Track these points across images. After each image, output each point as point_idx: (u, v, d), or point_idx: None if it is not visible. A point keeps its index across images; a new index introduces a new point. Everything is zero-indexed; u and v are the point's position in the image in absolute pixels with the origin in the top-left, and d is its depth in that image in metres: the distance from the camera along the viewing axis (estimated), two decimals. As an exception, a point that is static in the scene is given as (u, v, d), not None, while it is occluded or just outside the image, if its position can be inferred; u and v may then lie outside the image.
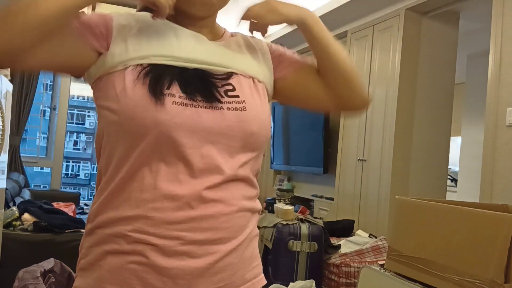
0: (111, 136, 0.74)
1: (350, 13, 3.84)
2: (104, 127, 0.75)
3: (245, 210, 0.78)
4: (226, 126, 0.74)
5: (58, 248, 2.65)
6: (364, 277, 1.81)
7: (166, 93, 0.72)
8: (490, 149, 2.62)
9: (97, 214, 0.75)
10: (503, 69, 2.60)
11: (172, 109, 0.71)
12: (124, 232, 0.71)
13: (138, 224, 0.71)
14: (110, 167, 0.74)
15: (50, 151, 5.45)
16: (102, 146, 0.77)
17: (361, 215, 3.64)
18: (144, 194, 0.71)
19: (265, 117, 0.80)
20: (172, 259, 0.70)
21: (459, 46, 3.65)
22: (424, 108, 3.48)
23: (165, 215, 0.70)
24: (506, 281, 1.31)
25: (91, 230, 0.75)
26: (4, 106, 2.63)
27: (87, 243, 0.76)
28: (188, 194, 0.71)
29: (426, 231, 1.60)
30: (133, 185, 0.72)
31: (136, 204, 0.71)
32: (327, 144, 4.19)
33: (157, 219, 0.70)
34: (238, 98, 0.77)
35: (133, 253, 0.71)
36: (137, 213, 0.71)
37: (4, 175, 2.92)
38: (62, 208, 3.39)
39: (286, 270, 2.75)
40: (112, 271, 0.71)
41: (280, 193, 4.42)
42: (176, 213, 0.71)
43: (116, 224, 0.72)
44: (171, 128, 0.70)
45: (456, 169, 5.57)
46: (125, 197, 0.72)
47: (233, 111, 0.75)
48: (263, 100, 0.82)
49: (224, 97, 0.76)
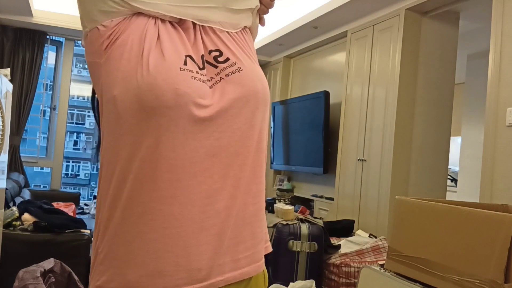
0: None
1: (350, 13, 3.84)
2: None
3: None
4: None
5: (58, 248, 2.65)
6: (364, 277, 1.81)
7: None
8: (490, 149, 2.62)
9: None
10: (503, 69, 2.60)
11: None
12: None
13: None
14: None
15: (50, 151, 5.45)
16: None
17: (361, 215, 3.64)
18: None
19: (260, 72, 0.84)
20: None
21: (459, 46, 3.65)
22: (424, 108, 3.48)
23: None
24: (506, 281, 1.31)
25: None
26: (4, 106, 2.63)
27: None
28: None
29: (426, 231, 1.60)
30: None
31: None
32: (327, 144, 4.19)
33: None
34: (230, 60, 0.79)
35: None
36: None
37: (4, 175, 2.92)
38: (62, 208, 3.39)
39: (286, 270, 2.75)
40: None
41: (280, 193, 4.42)
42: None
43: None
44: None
45: (456, 169, 5.57)
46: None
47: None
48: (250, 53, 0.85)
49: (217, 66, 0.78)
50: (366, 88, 3.76)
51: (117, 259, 0.72)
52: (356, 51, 3.94)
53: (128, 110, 0.71)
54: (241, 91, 0.77)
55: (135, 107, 0.71)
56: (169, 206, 0.71)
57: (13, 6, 4.43)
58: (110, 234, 0.73)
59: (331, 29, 4.34)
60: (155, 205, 0.71)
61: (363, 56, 3.83)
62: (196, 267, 0.72)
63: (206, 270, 0.72)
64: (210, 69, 0.78)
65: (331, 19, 4.06)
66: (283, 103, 5.04)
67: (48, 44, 5.23)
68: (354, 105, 3.90)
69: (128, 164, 0.72)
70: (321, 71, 4.79)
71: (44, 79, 5.37)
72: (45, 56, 5.25)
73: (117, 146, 0.74)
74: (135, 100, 0.70)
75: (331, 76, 4.58)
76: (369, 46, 3.77)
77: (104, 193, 0.76)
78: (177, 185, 0.71)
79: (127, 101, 0.71)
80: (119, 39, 0.74)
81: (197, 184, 0.72)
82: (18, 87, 4.92)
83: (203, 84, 0.74)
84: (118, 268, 0.72)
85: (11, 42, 4.98)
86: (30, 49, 5.01)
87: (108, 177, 0.75)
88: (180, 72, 0.72)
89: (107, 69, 0.74)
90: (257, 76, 0.81)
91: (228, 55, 0.80)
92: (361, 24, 3.89)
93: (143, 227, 0.71)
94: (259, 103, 0.80)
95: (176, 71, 0.72)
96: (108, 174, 0.75)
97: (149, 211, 0.71)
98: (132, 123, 0.71)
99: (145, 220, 0.71)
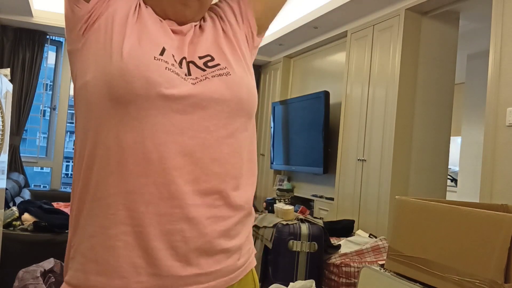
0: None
1: (350, 13, 3.84)
2: None
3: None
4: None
5: (58, 248, 2.65)
6: (364, 277, 1.81)
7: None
8: (490, 149, 2.62)
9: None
10: (503, 69, 2.60)
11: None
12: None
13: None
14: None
15: (50, 151, 5.45)
16: None
17: (361, 215, 3.64)
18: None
19: (251, 81, 0.80)
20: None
21: (459, 46, 3.65)
22: (424, 108, 3.48)
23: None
24: (506, 281, 1.31)
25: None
26: (4, 106, 2.63)
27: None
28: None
29: (426, 231, 1.61)
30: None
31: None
32: (327, 144, 4.19)
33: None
34: (220, 65, 0.76)
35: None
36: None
37: (4, 175, 2.92)
38: (62, 208, 3.39)
39: (286, 270, 2.75)
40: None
41: (280, 193, 4.42)
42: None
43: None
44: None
45: (456, 169, 5.57)
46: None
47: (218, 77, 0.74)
48: (246, 63, 0.82)
49: (206, 70, 0.75)
50: (366, 88, 3.76)
51: (82, 255, 0.69)
52: (356, 51, 3.94)
53: (99, 96, 0.68)
54: (223, 92, 0.72)
55: (105, 92, 0.67)
56: (133, 202, 0.66)
57: (13, 6, 4.43)
58: (80, 226, 0.71)
59: (331, 29, 4.34)
60: (119, 199, 0.67)
61: (363, 56, 3.83)
62: (157, 273, 0.67)
63: (170, 279, 0.67)
64: (196, 71, 0.74)
65: (331, 19, 4.06)
66: (283, 103, 5.04)
67: (48, 44, 5.23)
68: (354, 105, 3.90)
69: (94, 149, 0.69)
70: (321, 71, 4.79)
71: (44, 79, 5.37)
72: (45, 56, 5.25)
73: (87, 132, 0.71)
74: (106, 85, 0.67)
75: (331, 76, 4.58)
76: (369, 46, 3.77)
77: (76, 183, 0.73)
78: (145, 182, 0.66)
79: (98, 86, 0.68)
80: (96, 23, 0.73)
81: (166, 183, 0.67)
82: (18, 87, 4.92)
83: (178, 77, 0.70)
84: (81, 264, 0.69)
85: (11, 42, 4.98)
86: (30, 49, 5.01)
87: (79, 166, 0.72)
88: (154, 61, 0.69)
89: (83, 54, 0.73)
90: (245, 84, 0.77)
91: (220, 61, 0.77)
92: (361, 24, 3.89)
93: (105, 221, 0.67)
94: (242, 112, 0.75)
95: (150, 59, 0.69)
96: (79, 163, 0.72)
97: (113, 205, 0.67)
98: (102, 108, 0.68)
99: (107, 214, 0.67)
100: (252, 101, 0.77)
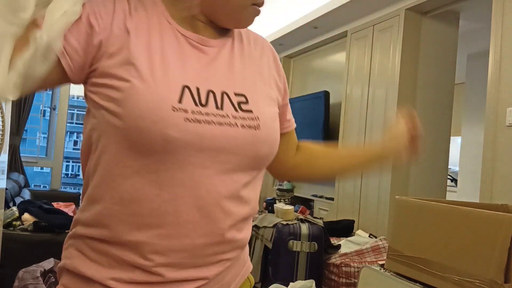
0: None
1: (350, 13, 3.84)
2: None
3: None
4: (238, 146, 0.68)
5: (58, 248, 2.63)
6: (364, 277, 1.81)
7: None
8: (490, 149, 2.62)
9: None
10: (503, 69, 2.60)
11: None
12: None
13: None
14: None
15: (50, 151, 5.45)
16: None
17: (361, 215, 3.64)
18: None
19: (277, 135, 0.75)
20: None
21: (459, 46, 3.65)
22: (424, 108, 3.48)
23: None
24: (506, 281, 1.31)
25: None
26: (4, 106, 2.63)
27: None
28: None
29: (426, 231, 1.60)
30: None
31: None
32: (327, 144, 4.18)
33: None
34: (252, 113, 0.70)
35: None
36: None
37: (4, 175, 2.92)
38: (62, 208, 3.38)
39: (286, 270, 2.75)
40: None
41: (280, 193, 4.42)
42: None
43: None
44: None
45: (456, 169, 5.57)
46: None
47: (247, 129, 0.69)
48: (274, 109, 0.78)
49: (238, 111, 0.69)
50: (366, 88, 3.76)
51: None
52: (356, 51, 3.94)
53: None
54: (245, 148, 0.68)
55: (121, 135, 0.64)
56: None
57: (13, 6, 4.42)
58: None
59: (331, 29, 4.34)
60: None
61: (363, 56, 3.83)
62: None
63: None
64: (229, 108, 0.68)
65: (331, 19, 4.06)
66: (283, 103, 5.04)
67: (48, 44, 5.23)
68: (354, 105, 3.90)
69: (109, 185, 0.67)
70: (321, 71, 4.79)
71: (44, 79, 5.36)
72: (45, 56, 5.24)
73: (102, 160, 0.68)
74: (121, 133, 0.64)
75: (331, 76, 4.58)
76: (369, 46, 3.77)
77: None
78: (159, 233, 0.65)
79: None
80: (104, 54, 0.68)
81: (182, 237, 0.66)
82: (18, 87, 4.91)
83: (200, 125, 0.64)
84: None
85: (11, 42, 4.97)
86: (30, 49, 5.00)
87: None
88: (172, 113, 0.62)
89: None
90: (271, 143, 0.73)
91: (252, 106, 0.71)
92: (361, 24, 3.89)
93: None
94: (256, 166, 0.72)
95: (168, 112, 0.62)
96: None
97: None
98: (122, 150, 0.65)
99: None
100: (271, 157, 0.74)
